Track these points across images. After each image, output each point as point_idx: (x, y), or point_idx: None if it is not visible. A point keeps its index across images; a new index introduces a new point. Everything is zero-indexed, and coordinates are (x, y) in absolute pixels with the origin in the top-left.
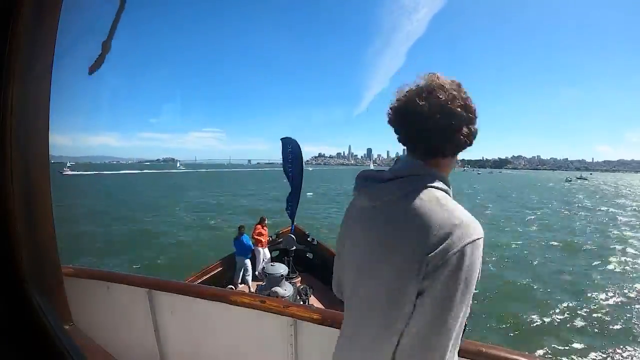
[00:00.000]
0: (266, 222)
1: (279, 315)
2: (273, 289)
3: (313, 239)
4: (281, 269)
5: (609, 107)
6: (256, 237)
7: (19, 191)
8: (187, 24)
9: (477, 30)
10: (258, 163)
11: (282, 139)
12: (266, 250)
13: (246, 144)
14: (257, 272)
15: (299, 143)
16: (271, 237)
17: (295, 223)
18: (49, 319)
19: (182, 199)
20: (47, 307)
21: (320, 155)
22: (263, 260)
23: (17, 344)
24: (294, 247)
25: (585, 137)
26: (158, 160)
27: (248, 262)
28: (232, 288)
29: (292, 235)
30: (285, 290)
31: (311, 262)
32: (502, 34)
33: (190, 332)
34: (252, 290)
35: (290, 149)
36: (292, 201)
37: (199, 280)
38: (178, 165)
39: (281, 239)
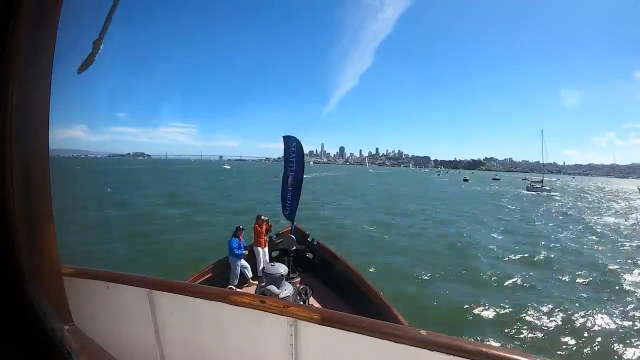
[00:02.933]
0: (263, 219)
1: (279, 315)
2: (272, 289)
3: (313, 239)
4: (281, 269)
5: (576, 113)
6: (255, 234)
7: (19, 191)
8: (156, 20)
9: (446, 29)
10: (229, 160)
11: (284, 137)
12: (266, 249)
13: (217, 140)
14: (257, 272)
15: (274, 141)
16: (271, 237)
17: (295, 223)
18: (49, 319)
19: None
20: (47, 307)
21: None
22: (262, 260)
23: (17, 344)
24: (294, 247)
25: (553, 141)
26: (128, 154)
27: (239, 262)
28: (231, 288)
29: (292, 235)
30: (285, 290)
31: (311, 262)
32: (472, 32)
33: (190, 332)
34: (250, 290)
35: (293, 147)
36: (292, 201)
37: (199, 281)
38: None
39: (281, 239)
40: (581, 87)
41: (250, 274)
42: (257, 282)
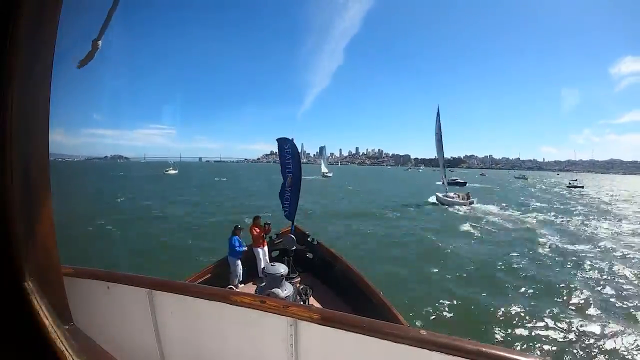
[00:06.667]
0: (260, 221)
1: (279, 315)
2: (272, 289)
3: (313, 239)
4: (281, 269)
5: (553, 110)
6: (253, 237)
7: (19, 191)
8: (132, 22)
9: (415, 26)
10: (208, 161)
11: (277, 140)
12: (265, 249)
13: (197, 142)
14: (258, 273)
15: (252, 143)
16: (271, 237)
17: (295, 223)
18: (49, 319)
19: None
20: (47, 307)
21: (271, 153)
22: (262, 260)
23: (17, 343)
24: (294, 247)
25: (532, 138)
26: (106, 157)
27: (239, 262)
28: (231, 288)
29: (292, 235)
30: (285, 290)
31: (311, 262)
32: (442, 27)
33: (190, 332)
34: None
35: (288, 148)
36: (291, 201)
37: (199, 281)
38: None
39: (281, 239)
40: (559, 85)
41: (242, 276)
42: (256, 283)
